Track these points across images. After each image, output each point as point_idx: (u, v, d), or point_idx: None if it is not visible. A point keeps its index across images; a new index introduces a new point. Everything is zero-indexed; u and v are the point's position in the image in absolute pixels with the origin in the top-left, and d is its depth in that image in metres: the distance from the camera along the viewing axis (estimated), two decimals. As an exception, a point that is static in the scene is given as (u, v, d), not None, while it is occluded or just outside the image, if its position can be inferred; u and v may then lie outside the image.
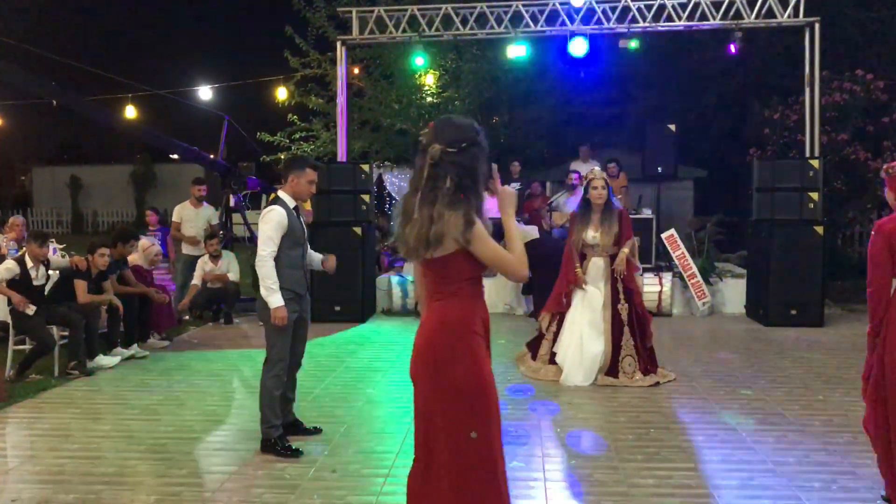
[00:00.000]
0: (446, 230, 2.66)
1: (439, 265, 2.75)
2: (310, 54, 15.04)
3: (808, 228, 9.04)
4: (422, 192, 2.72)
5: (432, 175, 2.71)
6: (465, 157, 2.73)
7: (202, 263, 9.56)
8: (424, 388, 2.82)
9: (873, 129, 12.95)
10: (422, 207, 2.70)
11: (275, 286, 4.74)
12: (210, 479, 4.48)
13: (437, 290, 2.80)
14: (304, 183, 4.97)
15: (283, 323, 4.75)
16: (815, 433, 5.18)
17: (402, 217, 2.80)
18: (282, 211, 4.83)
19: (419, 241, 2.70)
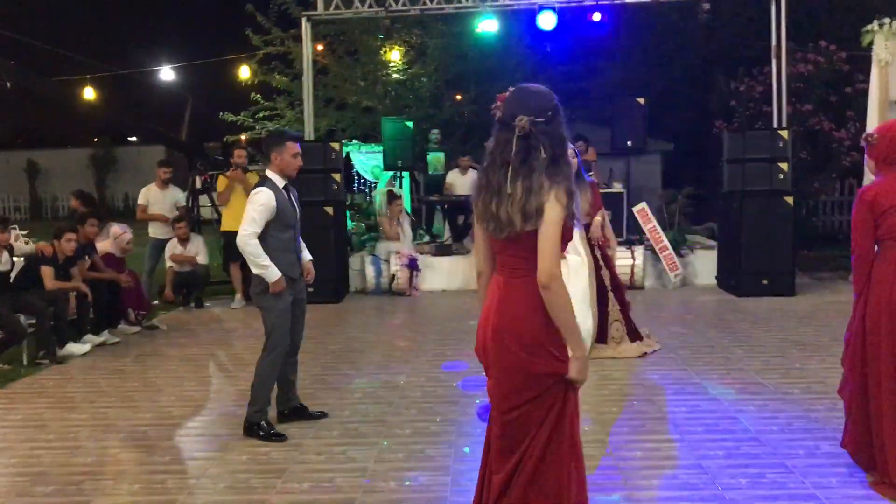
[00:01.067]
0: (547, 200, 2.55)
1: (527, 240, 2.60)
2: (272, 32, 14.79)
3: (778, 199, 9.12)
4: (513, 165, 2.60)
5: (523, 147, 2.60)
6: (553, 126, 2.64)
7: (171, 247, 9.37)
8: (512, 373, 2.67)
9: (837, 100, 13.12)
10: (515, 181, 2.58)
11: (265, 261, 4.61)
12: (193, 465, 4.40)
13: (518, 266, 2.66)
14: (287, 157, 4.80)
15: (280, 288, 4.65)
16: (796, 401, 5.24)
17: (487, 191, 2.66)
18: (269, 192, 4.68)
19: (516, 215, 2.57)
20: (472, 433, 4.78)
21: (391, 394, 5.65)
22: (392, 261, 10.05)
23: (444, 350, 6.96)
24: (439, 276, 10.46)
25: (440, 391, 5.70)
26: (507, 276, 2.70)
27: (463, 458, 4.37)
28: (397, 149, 11.74)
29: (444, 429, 4.87)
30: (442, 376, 6.11)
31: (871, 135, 4.10)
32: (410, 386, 5.85)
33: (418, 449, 4.53)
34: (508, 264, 2.69)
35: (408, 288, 9.98)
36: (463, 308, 9.07)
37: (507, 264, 2.70)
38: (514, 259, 2.67)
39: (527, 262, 2.63)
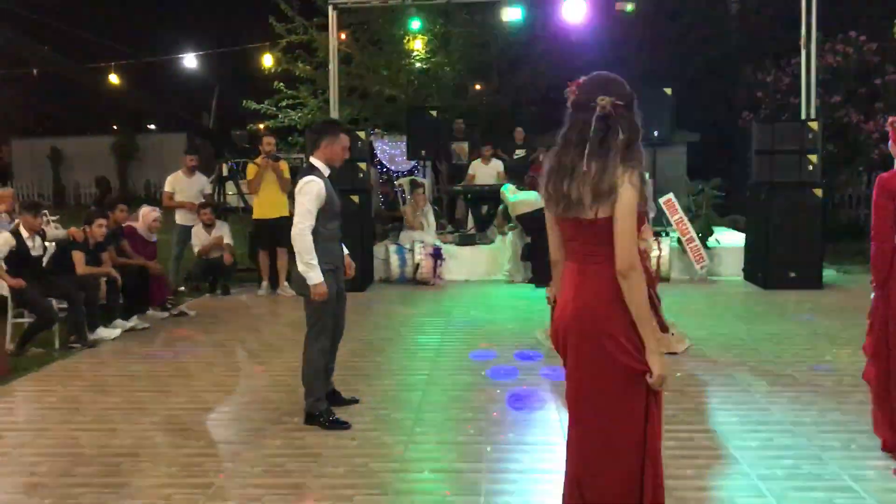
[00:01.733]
0: (620, 183, 2.53)
1: (602, 227, 2.57)
2: (295, 20, 14.80)
3: (807, 191, 9.05)
4: (590, 144, 2.58)
5: (601, 128, 2.59)
6: (630, 113, 2.64)
7: (197, 232, 9.44)
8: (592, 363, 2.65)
9: (865, 91, 12.98)
10: (590, 161, 2.56)
11: (313, 261, 4.55)
12: (228, 448, 4.44)
13: (593, 254, 2.63)
14: (338, 149, 4.77)
15: (322, 299, 4.60)
16: (828, 393, 5.21)
17: (558, 173, 2.64)
18: (320, 182, 4.63)
19: (587, 193, 2.55)
20: (503, 420, 4.79)
21: (420, 381, 5.68)
22: (416, 250, 10.07)
23: (471, 339, 6.98)
24: (463, 266, 10.47)
25: (469, 379, 5.71)
26: (581, 264, 2.67)
27: (496, 445, 4.38)
28: (421, 139, 11.74)
29: (475, 416, 4.88)
30: (470, 365, 6.12)
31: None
32: (439, 374, 5.87)
33: (450, 436, 4.55)
34: (582, 252, 2.67)
35: (431, 277, 10.00)
36: (487, 298, 9.08)
37: (581, 252, 2.67)
38: (588, 247, 2.64)
39: (602, 249, 2.59)
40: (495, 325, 7.57)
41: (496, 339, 6.96)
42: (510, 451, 4.31)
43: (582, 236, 2.64)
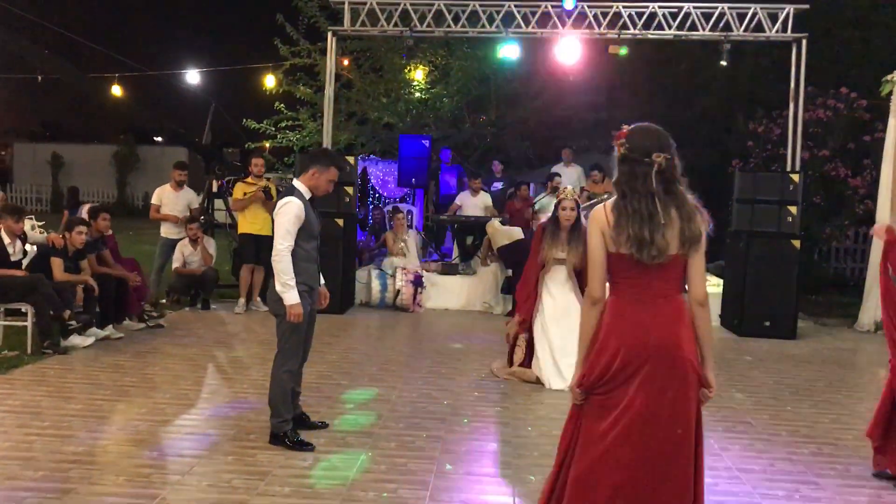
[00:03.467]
0: (702, 228, 2.91)
1: (676, 264, 2.92)
2: (300, 43, 15.01)
3: (785, 241, 9.13)
4: (658, 196, 2.88)
5: (662, 181, 2.90)
6: (677, 163, 2.95)
7: (181, 247, 9.52)
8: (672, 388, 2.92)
9: (855, 147, 13.13)
10: (668, 209, 2.88)
11: (291, 282, 4.62)
12: (180, 461, 4.48)
13: (667, 289, 2.96)
14: (323, 180, 4.84)
15: (298, 320, 4.67)
16: (781, 443, 5.26)
17: (633, 220, 2.88)
18: (299, 203, 4.70)
19: (674, 240, 2.87)
20: (457, 451, 4.84)
21: (382, 406, 5.72)
22: (398, 276, 10.14)
23: (440, 368, 7.03)
24: (444, 295, 10.54)
25: (430, 407, 5.76)
26: (654, 298, 2.94)
27: (444, 474, 4.43)
28: (412, 166, 11.87)
29: (430, 444, 4.92)
30: (434, 393, 6.17)
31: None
32: (401, 400, 5.91)
33: (401, 462, 4.59)
34: (651, 289, 2.94)
35: (411, 304, 10.06)
36: (463, 328, 9.14)
37: (650, 287, 2.94)
38: (661, 283, 2.94)
39: (675, 284, 2.96)
40: (467, 355, 7.63)
41: (465, 369, 7.01)
42: (457, 481, 4.36)
43: (656, 274, 2.92)
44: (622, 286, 2.99)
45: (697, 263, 2.94)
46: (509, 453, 4.86)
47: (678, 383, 2.93)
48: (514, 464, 4.66)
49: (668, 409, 2.92)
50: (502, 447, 4.99)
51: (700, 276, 2.97)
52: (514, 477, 4.45)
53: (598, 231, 2.96)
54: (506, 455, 4.83)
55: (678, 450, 2.93)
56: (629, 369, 2.93)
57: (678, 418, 2.94)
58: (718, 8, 10.08)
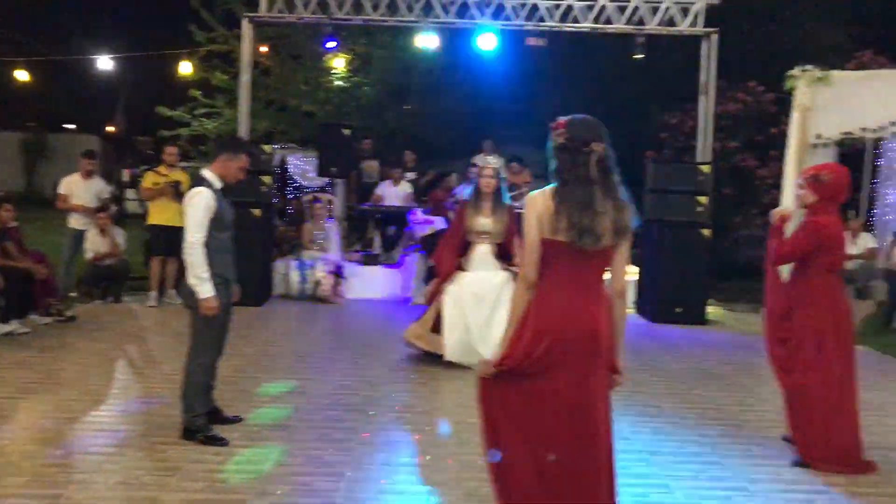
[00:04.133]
0: (630, 222, 3.01)
1: (606, 255, 3.02)
2: (216, 29, 14.67)
3: (696, 230, 9.42)
4: (599, 185, 2.97)
5: (601, 171, 2.99)
6: (612, 154, 3.05)
7: (91, 237, 9.22)
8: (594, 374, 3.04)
9: (762, 139, 13.62)
10: (605, 199, 2.96)
11: (205, 275, 4.52)
12: (88, 459, 4.36)
13: (593, 279, 3.05)
14: (234, 168, 4.75)
15: (212, 313, 4.58)
16: (690, 425, 5.43)
17: (573, 207, 2.95)
18: (209, 193, 4.60)
19: (609, 229, 2.95)
20: (374, 442, 4.84)
21: (298, 399, 5.67)
22: (317, 267, 10.05)
23: (360, 359, 7.00)
24: (365, 285, 10.49)
25: (348, 399, 5.74)
26: (579, 287, 3.03)
27: (360, 465, 4.43)
28: (333, 156, 11.75)
29: (347, 436, 4.91)
30: (352, 384, 6.14)
31: (824, 173, 4.69)
32: (319, 392, 5.88)
33: (317, 455, 4.57)
34: (579, 277, 3.03)
35: (332, 295, 9.99)
36: (384, 318, 9.13)
37: (578, 276, 3.03)
38: (588, 272, 3.03)
39: (600, 275, 3.06)
40: (386, 345, 7.61)
41: (385, 359, 7.01)
42: (373, 472, 4.36)
43: (587, 263, 3.01)
44: (551, 272, 3.05)
45: (622, 256, 3.07)
46: (427, 442, 4.89)
47: (598, 370, 3.05)
48: (431, 452, 4.70)
49: (589, 395, 3.03)
50: (420, 436, 5.01)
51: (622, 269, 3.10)
52: (432, 465, 4.48)
53: (536, 216, 3.01)
54: (423, 444, 4.86)
55: (598, 434, 3.04)
56: (552, 355, 3.00)
57: (598, 404, 3.05)
58: (632, 2, 10.29)
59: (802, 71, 10.35)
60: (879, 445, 5.12)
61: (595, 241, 2.94)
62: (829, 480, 4.47)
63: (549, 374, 3.01)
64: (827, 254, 4.65)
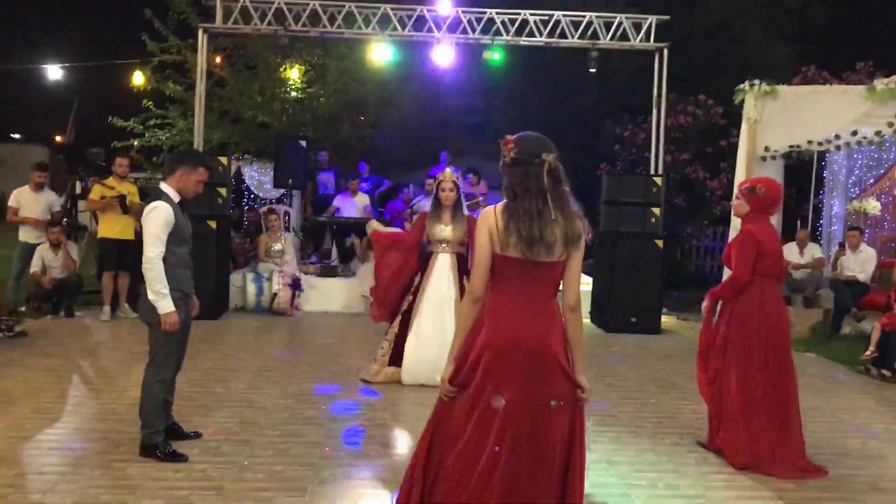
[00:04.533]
0: (581, 232, 3.04)
1: (556, 268, 3.05)
2: (169, 39, 14.51)
3: (649, 241, 9.60)
4: (549, 195, 3.00)
5: (552, 180, 3.01)
6: (562, 167, 3.07)
7: (42, 252, 9.04)
8: (544, 390, 3.03)
9: (712, 151, 13.93)
10: (556, 209, 3.00)
11: (164, 290, 4.47)
12: (42, 479, 4.27)
13: (543, 291, 3.08)
14: (192, 182, 4.72)
15: (173, 328, 4.53)
16: (646, 434, 5.54)
17: (524, 218, 2.98)
18: (167, 207, 4.56)
19: (560, 239, 2.99)
20: (336, 455, 4.84)
21: (257, 414, 5.63)
22: (274, 279, 9.98)
23: (318, 372, 6.98)
24: (322, 298, 10.46)
25: (308, 413, 5.72)
26: (529, 301, 3.06)
27: (322, 480, 4.42)
28: (289, 167, 11.72)
29: (308, 451, 4.89)
30: (312, 398, 6.13)
31: (759, 187, 4.98)
32: (278, 407, 5.84)
33: (279, 470, 4.54)
34: (529, 291, 3.06)
35: (289, 308, 9.93)
36: (342, 330, 9.12)
37: (528, 290, 3.06)
38: (538, 286, 3.06)
39: (551, 288, 3.09)
40: (345, 358, 7.61)
41: (343, 373, 7.00)
42: (335, 487, 4.36)
43: (536, 275, 3.02)
44: (501, 286, 3.09)
45: (574, 268, 3.09)
46: (388, 455, 4.90)
47: (550, 385, 3.04)
48: (393, 466, 4.70)
49: (537, 412, 3.03)
50: (381, 450, 5.02)
51: (575, 282, 3.11)
52: (393, 480, 4.48)
53: (487, 231, 3.05)
54: (385, 458, 4.87)
55: (545, 450, 3.03)
56: (500, 370, 3.03)
57: (550, 420, 3.04)
58: (586, 17, 10.48)
59: (751, 85, 10.68)
60: (830, 451, 5.29)
61: (546, 249, 2.97)
62: (781, 486, 4.59)
63: (497, 389, 3.02)
64: (762, 258, 4.91)
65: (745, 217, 5.08)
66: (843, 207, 12.06)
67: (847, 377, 7.75)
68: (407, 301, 6.67)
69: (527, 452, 3.01)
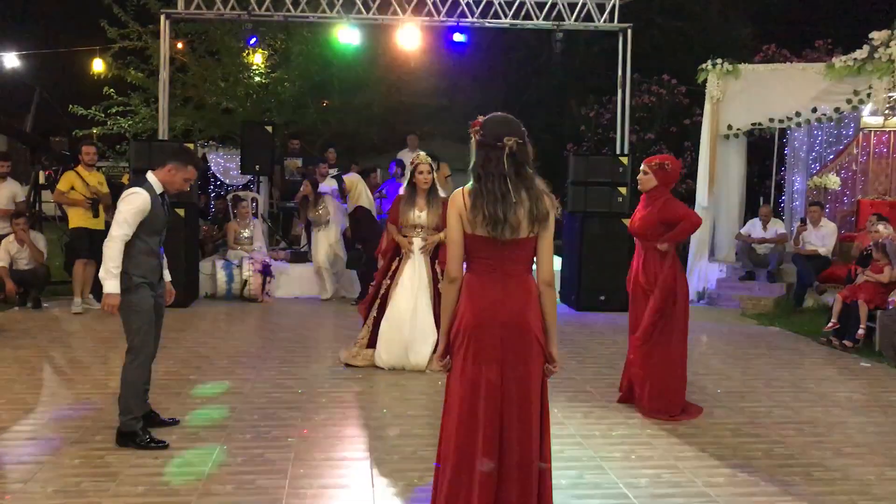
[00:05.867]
0: (550, 209, 3.10)
1: (527, 245, 3.13)
2: (129, 25, 14.30)
3: (616, 220, 9.72)
4: (509, 177, 3.07)
5: (511, 163, 3.08)
6: (528, 147, 3.14)
7: (7, 245, 8.91)
8: (526, 364, 3.14)
9: (676, 130, 14.11)
10: (518, 190, 3.06)
11: (115, 270, 4.48)
12: (21, 469, 4.27)
13: (516, 268, 3.16)
14: (179, 178, 4.73)
15: (112, 311, 4.53)
16: (618, 408, 5.66)
17: (488, 200, 3.05)
18: (146, 195, 4.56)
19: (525, 219, 3.06)
20: (314, 438, 4.88)
21: (234, 399, 5.66)
22: (244, 266, 9.95)
23: (293, 357, 7.01)
24: (293, 283, 10.46)
25: (285, 396, 5.76)
26: (505, 277, 3.15)
27: (302, 461, 4.47)
28: (256, 153, 11.65)
29: (286, 433, 4.94)
30: (287, 382, 6.16)
31: (667, 163, 5.46)
32: (255, 391, 5.87)
33: (258, 453, 4.58)
34: (502, 268, 3.15)
35: (260, 294, 9.91)
36: (314, 315, 9.14)
37: (502, 267, 3.15)
38: (511, 263, 3.14)
39: (524, 264, 3.18)
40: (319, 342, 7.64)
41: (318, 356, 7.04)
42: (316, 468, 4.41)
43: (508, 254, 3.13)
44: (477, 265, 3.19)
45: (546, 245, 3.17)
46: (366, 436, 4.96)
47: (526, 358, 3.15)
48: (371, 445, 4.77)
49: (522, 386, 3.14)
50: (359, 430, 5.07)
51: (548, 258, 3.18)
52: (372, 459, 4.55)
53: (456, 213, 3.14)
54: (363, 438, 4.92)
55: (526, 422, 3.14)
56: (481, 345, 3.13)
57: (527, 391, 3.14)
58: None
59: (713, 64, 10.84)
60: (795, 420, 5.46)
61: (511, 230, 3.05)
62: (749, 455, 4.74)
63: (481, 366, 3.12)
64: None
65: (651, 191, 5.52)
66: (804, 183, 12.31)
67: (810, 348, 7.96)
68: (384, 285, 6.72)
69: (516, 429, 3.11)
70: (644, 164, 5.58)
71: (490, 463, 3.09)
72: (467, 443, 3.13)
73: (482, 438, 3.10)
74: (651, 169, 5.48)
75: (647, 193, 5.57)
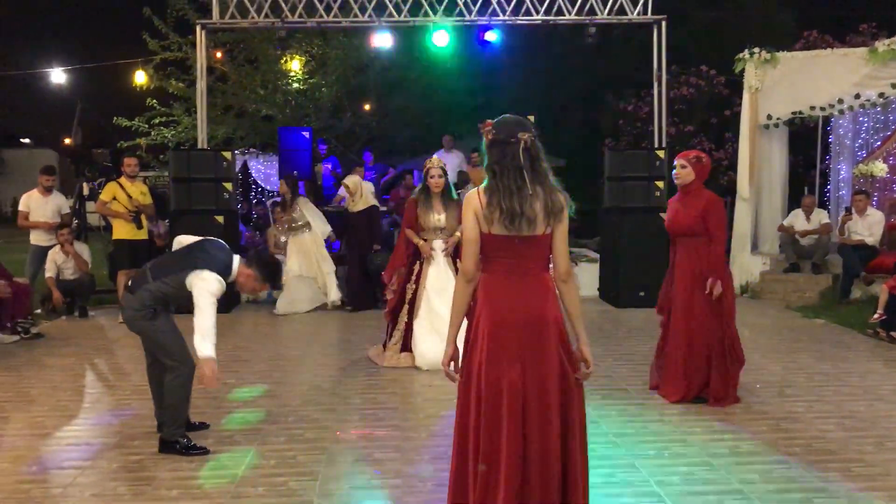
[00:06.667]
0: (563, 204, 3.11)
1: (543, 241, 3.12)
2: (169, 37, 14.59)
3: (654, 215, 9.57)
4: (526, 171, 3.09)
5: (528, 157, 3.11)
6: (540, 145, 3.17)
7: (53, 255, 9.15)
8: (546, 362, 3.11)
9: (716, 122, 13.88)
10: (534, 184, 3.08)
11: (213, 339, 4.49)
12: (62, 474, 4.38)
13: (533, 266, 3.14)
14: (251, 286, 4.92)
15: (209, 383, 4.48)
16: (653, 406, 5.59)
17: (504, 194, 3.07)
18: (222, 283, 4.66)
19: (541, 212, 3.07)
20: (347, 440, 4.92)
21: (270, 402, 5.73)
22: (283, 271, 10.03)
23: (330, 360, 7.07)
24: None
25: (320, 399, 5.81)
26: (522, 275, 3.14)
27: (333, 463, 4.50)
28: (294, 158, 11.79)
29: (319, 435, 4.98)
30: (323, 384, 6.22)
31: (702, 157, 5.53)
32: (290, 394, 5.94)
33: (290, 455, 4.63)
34: (520, 267, 3.14)
35: (300, 298, 9.98)
36: (352, 318, 9.20)
37: (519, 265, 3.14)
38: (529, 261, 3.14)
39: (541, 261, 3.17)
40: (356, 345, 7.67)
41: (356, 360, 7.08)
42: (345, 469, 4.44)
43: (523, 251, 3.12)
44: (493, 264, 3.18)
45: (560, 240, 3.15)
46: (398, 437, 4.98)
47: (550, 357, 3.12)
48: (403, 447, 4.78)
49: (538, 381, 3.10)
50: (391, 432, 5.09)
51: (563, 253, 3.18)
52: (403, 460, 4.57)
53: (472, 213, 3.14)
54: (394, 440, 4.94)
55: (549, 419, 3.10)
56: (501, 344, 3.11)
57: (547, 388, 3.11)
58: (582, -7, 10.44)
59: (750, 53, 10.64)
60: (838, 414, 5.33)
61: (528, 223, 3.06)
62: (787, 450, 4.63)
63: (502, 366, 3.10)
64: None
65: (688, 186, 5.55)
66: (850, 171, 12.00)
67: (856, 341, 7.76)
68: (410, 290, 6.75)
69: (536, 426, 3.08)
70: (681, 159, 5.56)
71: (516, 460, 3.06)
72: (490, 444, 3.10)
73: (506, 438, 3.07)
74: (689, 163, 5.50)
75: (685, 188, 5.57)
